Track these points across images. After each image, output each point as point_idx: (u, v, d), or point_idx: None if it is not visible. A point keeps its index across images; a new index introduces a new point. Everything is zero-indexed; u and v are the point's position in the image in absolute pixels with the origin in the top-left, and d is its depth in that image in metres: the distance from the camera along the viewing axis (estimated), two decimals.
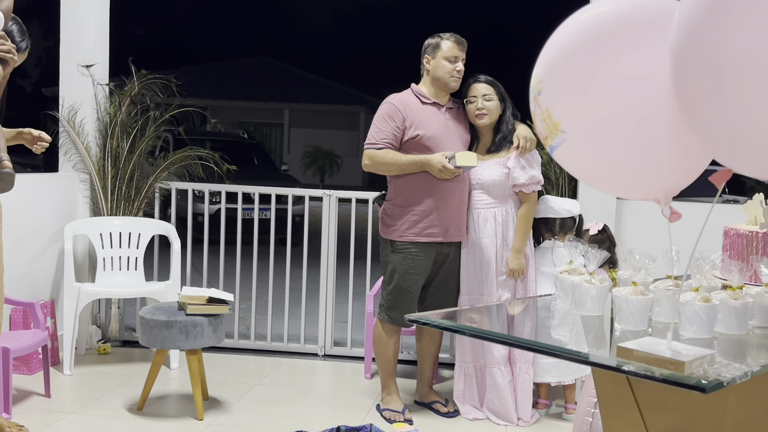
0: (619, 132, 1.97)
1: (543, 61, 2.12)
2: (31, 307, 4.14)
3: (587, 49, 1.99)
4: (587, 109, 2.00)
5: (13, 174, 3.00)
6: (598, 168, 2.13)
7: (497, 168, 3.82)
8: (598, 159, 2.08)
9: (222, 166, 5.06)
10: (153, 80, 4.93)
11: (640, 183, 2.11)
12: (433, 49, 3.82)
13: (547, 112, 2.06)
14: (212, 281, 5.25)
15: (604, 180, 2.20)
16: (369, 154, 3.81)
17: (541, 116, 2.10)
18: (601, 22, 2.01)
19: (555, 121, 2.05)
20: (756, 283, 2.45)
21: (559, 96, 2.05)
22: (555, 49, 2.09)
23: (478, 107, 3.83)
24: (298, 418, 3.83)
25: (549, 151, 2.15)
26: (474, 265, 3.89)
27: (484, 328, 2.61)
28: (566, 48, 2.05)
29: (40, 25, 23.70)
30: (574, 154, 2.12)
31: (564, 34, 2.09)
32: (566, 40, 2.07)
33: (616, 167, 2.06)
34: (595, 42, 1.99)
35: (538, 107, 2.10)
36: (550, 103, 2.06)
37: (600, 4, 2.07)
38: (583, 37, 2.01)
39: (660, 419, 2.19)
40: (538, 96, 2.10)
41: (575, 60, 2.01)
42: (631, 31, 1.95)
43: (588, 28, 2.02)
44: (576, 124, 2.03)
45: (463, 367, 3.98)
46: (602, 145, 2.02)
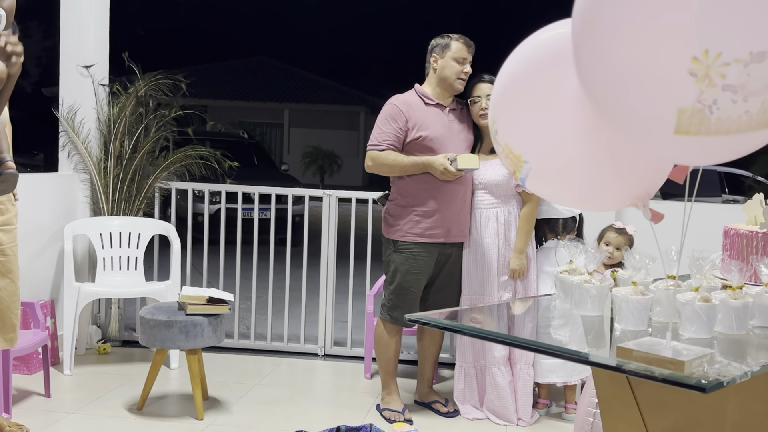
0: (569, 149, 2.06)
1: (493, 102, 2.26)
2: (31, 307, 4.15)
3: (518, 81, 2.13)
4: (540, 134, 2.09)
5: (16, 174, 3.02)
6: (567, 189, 2.20)
7: (500, 168, 3.82)
8: (564, 180, 2.15)
9: (224, 164, 5.06)
10: (162, 80, 4.93)
11: (610, 195, 2.18)
12: (442, 49, 3.82)
13: (508, 148, 2.16)
14: (212, 281, 5.25)
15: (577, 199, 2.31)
16: (371, 156, 3.82)
17: (503, 153, 2.19)
18: (529, 54, 2.15)
19: (516, 155, 2.14)
20: (756, 283, 2.45)
21: (512, 129, 2.16)
22: (498, 89, 2.23)
23: (483, 107, 3.83)
24: (298, 418, 3.83)
25: (522, 184, 2.25)
26: (476, 265, 3.89)
27: (485, 328, 2.62)
28: (506, 83, 2.19)
29: (40, 25, 23.73)
30: (543, 182, 2.20)
31: (503, 74, 2.22)
32: (504, 77, 2.20)
33: (582, 185, 2.14)
34: (523, 72, 2.12)
35: (499, 146, 2.20)
36: (507, 139, 2.16)
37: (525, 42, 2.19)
38: (514, 72, 2.16)
39: (660, 419, 2.19)
40: (496, 136, 2.21)
41: (511, 94, 2.15)
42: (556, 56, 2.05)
43: (515, 64, 2.17)
44: (534, 152, 2.12)
45: (464, 367, 3.98)
46: (562, 166, 2.10)
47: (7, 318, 3.34)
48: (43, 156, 16.86)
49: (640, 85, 1.66)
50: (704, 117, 1.63)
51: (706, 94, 1.59)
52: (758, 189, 2.91)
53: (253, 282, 5.21)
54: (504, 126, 2.17)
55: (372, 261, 4.94)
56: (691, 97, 1.61)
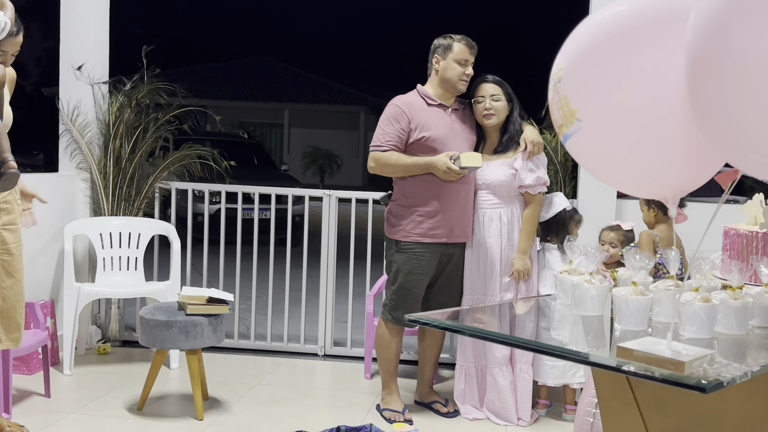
0: (635, 126, 1.97)
1: (566, 51, 2.13)
2: (31, 307, 4.15)
3: (610, 43, 2.01)
4: (606, 99, 2.01)
5: (18, 174, 3.04)
6: (610, 161, 2.12)
7: (504, 168, 3.82)
8: (612, 151, 2.08)
9: (221, 163, 5.05)
10: (159, 85, 4.93)
11: (651, 180, 2.10)
12: (444, 50, 3.81)
13: (565, 100, 2.07)
14: (212, 281, 5.25)
15: (615, 174, 2.20)
16: (374, 157, 3.82)
17: (558, 103, 2.10)
18: (624, 19, 2.04)
19: (572, 109, 2.05)
20: (756, 283, 2.45)
21: (579, 84, 2.06)
22: (579, 41, 2.11)
23: (486, 107, 3.83)
24: (298, 418, 3.83)
25: (562, 140, 2.15)
26: (478, 265, 3.88)
27: (486, 329, 2.62)
28: (590, 41, 2.07)
29: (40, 25, 23.72)
30: (588, 144, 2.12)
31: (588, 28, 2.11)
32: (590, 34, 2.09)
33: (629, 161, 2.06)
34: (618, 38, 2.01)
35: (557, 94, 2.11)
36: (569, 91, 2.07)
37: (622, 2, 2.10)
38: (607, 32, 2.04)
39: (660, 419, 2.19)
40: (558, 83, 2.11)
41: (598, 53, 2.03)
42: (653, 29, 1.97)
43: (611, 24, 2.05)
44: (593, 114, 2.04)
45: (464, 367, 3.98)
46: (618, 137, 2.02)
47: (12, 317, 3.34)
48: (43, 156, 16.85)
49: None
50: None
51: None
52: (758, 189, 2.91)
53: (253, 282, 5.21)
54: (571, 79, 2.08)
55: (372, 261, 4.94)
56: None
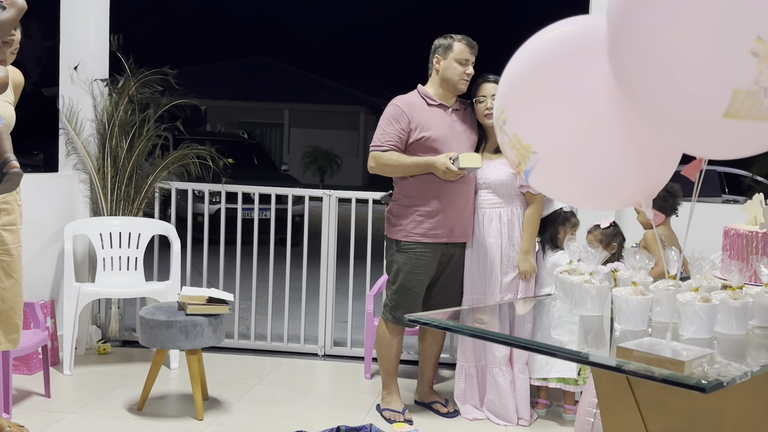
0: (588, 143, 2.01)
1: (501, 91, 2.19)
2: (31, 307, 4.15)
3: (540, 72, 2.06)
4: (553, 124, 2.04)
5: (20, 174, 3.04)
6: (574, 184, 2.16)
7: (504, 168, 3.82)
8: (573, 174, 2.10)
9: (218, 162, 5.05)
10: (150, 77, 4.92)
11: (619, 191, 2.14)
12: (445, 50, 3.81)
13: (516, 138, 2.10)
14: (212, 281, 5.25)
15: (583, 195, 2.24)
16: (374, 157, 3.82)
17: (510, 144, 2.13)
18: (547, 45, 2.10)
19: (525, 145, 2.08)
20: (756, 283, 2.45)
21: (522, 118, 2.10)
22: (510, 77, 2.16)
23: (488, 107, 3.83)
24: (298, 418, 3.83)
25: (524, 179, 2.18)
26: (478, 265, 3.88)
27: (486, 329, 2.62)
28: (519, 72, 2.12)
29: (40, 25, 23.69)
30: (550, 175, 2.14)
31: (515, 64, 2.16)
32: (518, 67, 2.14)
33: (592, 180, 2.09)
34: (545, 64, 2.06)
35: (506, 136, 2.14)
36: (516, 129, 2.10)
37: (542, 33, 2.15)
38: (533, 63, 2.09)
39: (660, 419, 2.19)
40: (503, 126, 2.14)
41: (529, 80, 2.08)
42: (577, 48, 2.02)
43: (536, 54, 2.10)
44: (546, 143, 2.07)
45: (465, 367, 3.98)
46: (575, 157, 2.05)
47: (10, 318, 3.34)
48: (43, 156, 16.84)
49: (695, 64, 1.58)
50: (757, 100, 1.56)
51: (765, 76, 1.53)
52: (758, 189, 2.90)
53: (253, 282, 5.21)
54: (513, 115, 2.11)
55: (372, 261, 4.94)
56: (749, 78, 1.54)
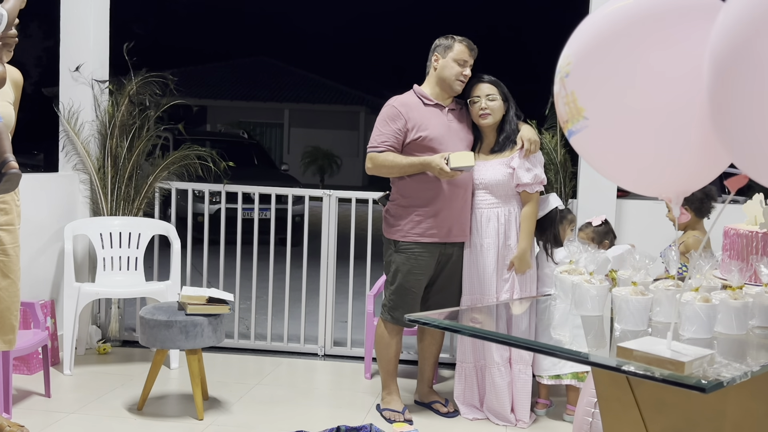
0: (645, 127, 1.94)
1: (576, 43, 2.06)
2: (31, 307, 4.14)
3: (623, 40, 1.95)
4: (615, 100, 1.96)
5: (19, 174, 3.03)
6: (616, 160, 2.09)
7: (501, 168, 3.82)
8: (618, 151, 2.04)
9: (219, 164, 5.05)
10: (150, 79, 4.92)
11: (657, 180, 2.08)
12: (445, 49, 3.82)
13: (572, 96, 2.02)
14: (212, 281, 5.25)
15: (621, 173, 2.16)
16: (371, 158, 3.82)
17: (564, 99, 2.05)
18: (639, 13, 1.96)
19: (579, 107, 2.01)
20: (756, 283, 2.45)
21: (588, 82, 2.00)
22: (590, 33, 2.03)
23: (482, 107, 3.83)
24: (298, 418, 3.83)
25: (567, 135, 2.11)
26: (476, 265, 3.88)
27: (485, 328, 2.62)
28: (602, 35, 2.00)
29: (40, 25, 23.71)
30: (594, 143, 2.07)
31: (600, 20, 2.03)
32: (602, 27, 2.01)
33: (636, 162, 2.03)
34: (631, 33, 1.94)
35: (563, 89, 2.05)
36: (576, 88, 2.01)
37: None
38: (620, 27, 1.96)
39: (660, 419, 2.19)
40: (565, 78, 2.05)
41: (610, 49, 1.96)
42: (669, 26, 1.92)
43: (625, 18, 1.97)
44: (601, 113, 1.99)
45: (464, 367, 3.98)
46: (625, 138, 1.99)
47: (6, 319, 3.33)
48: (43, 156, 16.85)
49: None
50: None
51: None
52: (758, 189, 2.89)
53: (253, 282, 5.21)
54: (580, 75, 2.01)
55: (372, 261, 4.94)
56: None
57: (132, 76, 4.90)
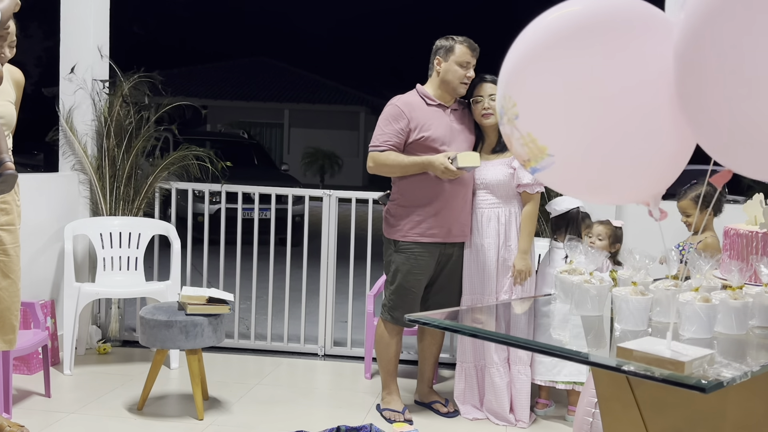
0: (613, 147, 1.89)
1: (512, 79, 1.94)
2: (31, 307, 4.14)
3: (563, 62, 1.85)
4: (578, 131, 1.88)
5: (15, 175, 3.01)
6: (589, 184, 2.06)
7: (502, 168, 3.83)
8: (588, 177, 2.00)
9: (217, 165, 5.05)
10: (141, 79, 4.92)
11: (629, 191, 2.08)
12: (446, 52, 3.81)
13: (530, 138, 1.91)
14: (212, 281, 5.25)
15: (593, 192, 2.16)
16: (372, 157, 3.82)
17: (521, 140, 1.93)
18: (575, 24, 1.86)
19: (540, 146, 1.90)
20: (756, 283, 2.45)
21: (542, 120, 1.90)
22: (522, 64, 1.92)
23: (485, 107, 3.83)
24: (298, 418, 3.83)
25: (530, 172, 2.02)
26: (476, 265, 3.88)
27: (485, 328, 2.62)
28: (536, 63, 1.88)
29: (40, 25, 23.71)
30: (563, 176, 2.01)
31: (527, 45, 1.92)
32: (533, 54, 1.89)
33: (609, 181, 2.00)
34: (567, 52, 1.85)
35: (517, 131, 1.93)
36: (531, 129, 1.91)
37: (567, 5, 1.93)
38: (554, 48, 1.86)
39: (660, 419, 2.19)
40: (514, 120, 1.93)
41: (552, 79, 1.86)
42: (611, 34, 1.85)
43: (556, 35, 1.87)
44: (567, 148, 1.91)
45: (464, 367, 3.98)
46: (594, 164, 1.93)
47: (6, 319, 3.33)
48: (43, 156, 16.84)
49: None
50: None
51: None
52: (758, 189, 2.90)
53: (253, 282, 5.21)
54: (528, 112, 1.91)
55: (372, 261, 4.94)
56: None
57: (121, 78, 4.89)
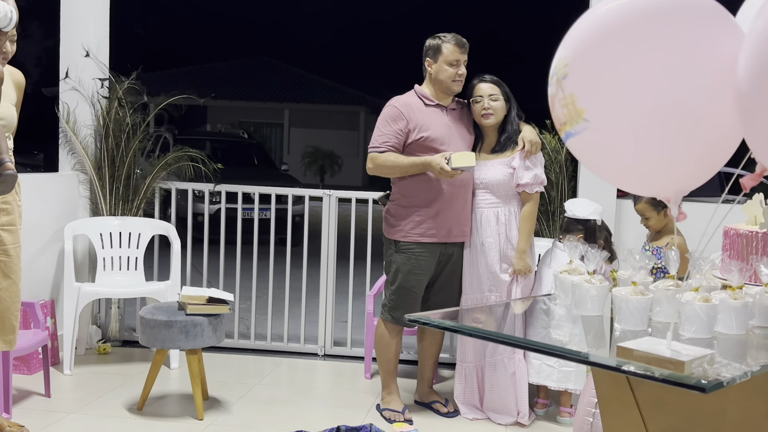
0: (646, 128, 1.89)
1: (572, 43, 1.99)
2: (31, 306, 4.14)
3: (622, 38, 1.89)
4: (617, 101, 1.91)
5: (15, 175, 3.01)
6: (616, 162, 2.05)
7: (502, 168, 3.83)
8: (617, 153, 1.99)
9: (209, 166, 5.04)
10: (138, 79, 4.93)
11: (658, 181, 2.05)
12: (434, 52, 3.81)
13: (571, 98, 1.95)
14: (212, 281, 5.25)
15: (620, 174, 2.12)
16: (372, 158, 3.82)
17: (563, 101, 1.99)
18: (636, 11, 1.90)
19: (578, 109, 1.95)
20: (756, 283, 2.45)
21: (587, 82, 1.94)
22: (587, 33, 1.96)
23: (484, 107, 3.83)
24: (298, 419, 3.83)
25: (563, 137, 2.06)
26: (476, 264, 3.88)
27: (485, 328, 2.62)
28: (600, 34, 1.93)
29: (40, 25, 23.69)
30: (593, 145, 2.02)
31: (597, 19, 1.97)
32: (600, 27, 1.95)
33: (637, 163, 1.99)
34: (633, 30, 1.89)
35: (561, 91, 1.99)
36: (575, 89, 1.95)
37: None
38: (618, 25, 1.91)
39: (660, 419, 2.19)
40: (562, 79, 1.98)
41: (611, 48, 1.90)
42: (674, 22, 1.87)
43: (623, 16, 1.91)
44: (602, 116, 1.94)
45: (464, 366, 3.98)
46: (626, 140, 1.94)
47: (6, 319, 3.33)
48: (43, 156, 16.85)
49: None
50: None
51: None
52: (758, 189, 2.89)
53: (253, 282, 5.21)
54: (578, 76, 1.95)
55: (372, 261, 4.94)
56: None
57: (113, 79, 4.90)
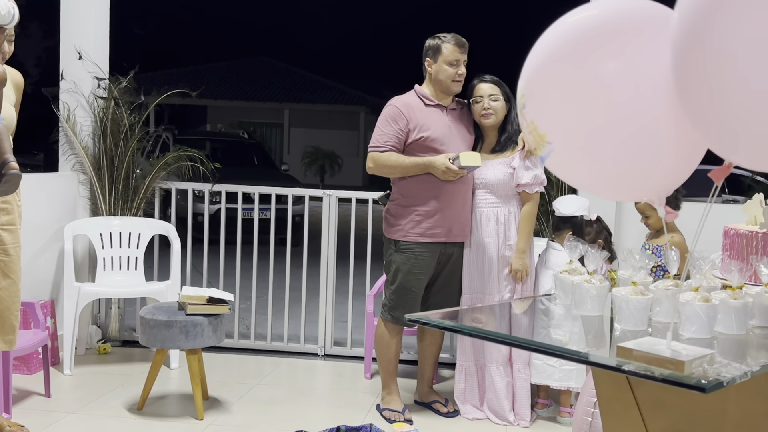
0: (607, 140, 1.97)
1: (525, 72, 2.12)
2: (31, 306, 4.14)
3: (567, 56, 1.99)
4: (571, 119, 2.00)
5: (19, 175, 3.03)
6: (589, 177, 2.14)
7: (502, 168, 3.83)
8: (588, 169, 2.08)
9: (208, 166, 5.04)
10: (135, 78, 4.93)
11: (634, 186, 2.11)
12: (434, 52, 3.81)
13: (533, 125, 2.07)
14: (212, 281, 5.25)
15: (597, 187, 2.21)
16: (372, 157, 3.82)
17: (528, 129, 2.11)
18: (580, 28, 2.01)
19: (541, 134, 2.05)
20: (756, 283, 2.45)
21: (541, 108, 2.06)
22: (535, 60, 2.08)
23: (485, 107, 3.83)
24: (298, 419, 3.83)
25: (541, 162, 2.18)
26: (476, 264, 3.88)
27: (485, 328, 2.62)
28: (546, 58, 2.04)
29: (40, 25, 23.72)
30: (564, 165, 2.12)
31: (543, 44, 2.08)
32: (545, 50, 2.06)
33: (608, 174, 2.06)
34: (574, 49, 1.98)
35: (524, 120, 2.11)
36: (534, 116, 2.07)
37: (581, 10, 2.07)
38: (562, 45, 2.02)
39: (660, 419, 2.19)
40: (523, 110, 2.11)
41: (555, 68, 2.01)
42: (612, 37, 1.95)
43: (566, 36, 2.02)
44: (562, 137, 2.04)
45: (464, 366, 3.98)
46: (591, 156, 2.02)
47: (6, 319, 3.34)
48: (43, 156, 16.86)
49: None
50: None
51: None
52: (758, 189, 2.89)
53: (253, 282, 5.21)
54: (533, 103, 2.07)
55: (372, 261, 4.94)
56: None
57: (108, 80, 4.90)
